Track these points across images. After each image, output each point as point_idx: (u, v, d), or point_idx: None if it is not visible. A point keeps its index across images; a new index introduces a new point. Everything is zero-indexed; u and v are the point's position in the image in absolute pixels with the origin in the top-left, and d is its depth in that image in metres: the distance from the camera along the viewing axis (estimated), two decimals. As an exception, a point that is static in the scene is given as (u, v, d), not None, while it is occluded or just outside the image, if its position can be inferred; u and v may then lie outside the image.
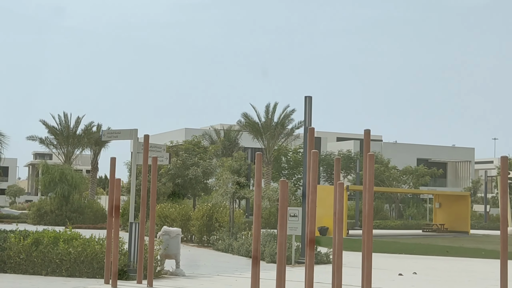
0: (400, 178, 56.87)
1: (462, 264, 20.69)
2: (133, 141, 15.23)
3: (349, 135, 76.94)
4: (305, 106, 18.47)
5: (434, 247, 27.70)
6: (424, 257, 22.99)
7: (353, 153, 63.06)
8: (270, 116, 49.46)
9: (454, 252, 25.14)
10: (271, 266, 16.25)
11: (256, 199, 11.82)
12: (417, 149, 72.98)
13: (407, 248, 26.40)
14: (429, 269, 18.43)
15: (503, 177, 10.81)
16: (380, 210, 52.48)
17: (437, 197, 45.60)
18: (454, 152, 76.09)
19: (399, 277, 16.00)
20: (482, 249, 26.62)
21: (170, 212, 27.49)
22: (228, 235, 22.73)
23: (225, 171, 24.56)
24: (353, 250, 22.05)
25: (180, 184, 33.80)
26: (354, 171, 57.91)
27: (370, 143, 11.99)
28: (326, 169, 61.26)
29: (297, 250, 18.46)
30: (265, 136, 49.12)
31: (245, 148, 54.41)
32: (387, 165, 57.67)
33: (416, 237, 35.99)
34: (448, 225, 42.59)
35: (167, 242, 15.00)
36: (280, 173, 56.38)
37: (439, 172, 60.42)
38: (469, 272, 18.15)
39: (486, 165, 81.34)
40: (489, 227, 48.60)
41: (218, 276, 15.18)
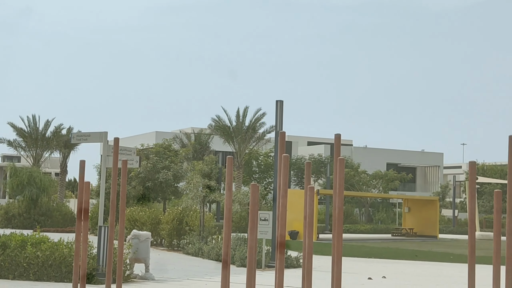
0: (370, 183, 57.25)
1: (431, 268, 20.87)
2: (103, 144, 15.11)
3: (320, 139, 77.28)
4: (276, 110, 18.50)
5: (403, 251, 27.91)
6: (393, 261, 23.15)
7: (323, 157, 63.35)
8: (241, 120, 49.47)
9: (423, 256, 25.35)
10: (241, 270, 16.23)
11: (226, 203, 11.77)
12: (387, 154, 73.55)
13: (377, 252, 26.56)
14: (398, 273, 18.55)
15: (471, 182, 10.92)
16: (350, 214, 52.76)
17: (406, 202, 45.99)
18: (423, 157, 76.84)
19: (368, 281, 16.08)
20: (451, 253, 26.89)
21: (140, 215, 27.31)
22: (198, 239, 22.66)
23: (195, 174, 24.48)
24: (323, 254, 22.13)
25: (150, 188, 33.62)
26: (324, 175, 58.15)
27: (341, 148, 12.02)
28: (296, 173, 61.43)
29: (267, 254, 18.47)
30: (236, 140, 49.11)
31: (216, 152, 54.32)
32: (357, 170, 58.03)
33: (386, 241, 36.24)
34: (417, 230, 42.97)
35: (137, 246, 14.89)
36: (251, 177, 56.41)
37: (408, 176, 60.96)
38: (438, 276, 18.31)
39: (454, 170, 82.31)
40: (457, 232, 49.14)
41: (188, 280, 15.11)
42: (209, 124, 50.17)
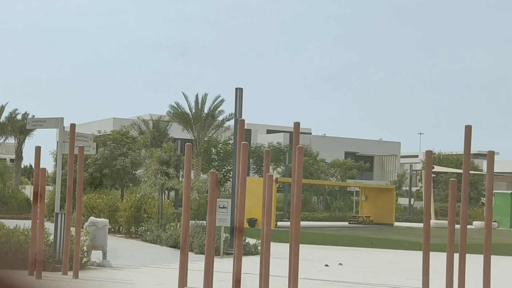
0: (328, 171, 57.69)
1: (387, 255, 21.17)
2: (59, 130, 14.90)
3: (279, 127, 77.52)
4: (235, 98, 18.47)
5: (360, 238, 28.25)
6: (350, 248, 23.42)
7: (282, 145, 63.58)
8: (200, 107, 49.31)
9: (379, 243, 25.70)
10: (200, 257, 16.23)
11: (185, 191, 11.78)
12: (345, 143, 74.19)
13: (334, 239, 26.83)
14: (355, 260, 18.78)
15: (427, 171, 11.11)
16: (308, 202, 53.13)
17: (364, 190, 46.51)
18: (381, 146, 77.71)
19: (325, 268, 16.25)
20: (406, 241, 27.30)
21: (97, 203, 27.08)
22: (157, 226, 22.58)
23: (153, 162, 24.35)
24: (281, 241, 22.26)
25: (108, 175, 33.34)
26: (283, 163, 58.40)
27: (300, 136, 12.11)
28: (255, 161, 61.56)
29: (226, 242, 18.51)
30: (195, 127, 48.94)
31: (174, 139, 54.08)
32: (316, 158, 58.41)
33: (343, 229, 36.62)
34: (373, 218, 43.50)
35: (94, 233, 14.78)
36: (210, 164, 56.34)
37: (366, 165, 61.60)
38: (393, 263, 18.58)
39: (411, 159, 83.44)
40: (413, 220, 49.87)
41: (145, 267, 15.06)
42: (168, 111, 49.89)
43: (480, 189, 61.31)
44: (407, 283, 13.77)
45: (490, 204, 10.74)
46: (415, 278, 13.61)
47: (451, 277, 10.37)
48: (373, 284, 13.41)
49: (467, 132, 10.87)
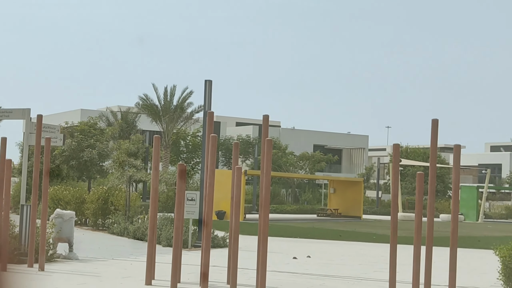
0: (297, 164, 57.87)
1: (354, 248, 21.31)
2: (25, 121, 14.69)
3: (248, 120, 77.51)
4: (205, 90, 18.40)
5: (328, 231, 28.39)
6: (318, 241, 23.53)
7: (251, 138, 63.60)
8: (169, 99, 49.06)
9: (347, 236, 25.86)
10: (167, 249, 16.16)
11: (153, 183, 11.70)
12: (314, 136, 74.46)
13: (302, 232, 26.93)
14: (323, 253, 18.86)
15: (395, 164, 11.18)
16: (277, 195, 53.26)
17: (332, 183, 46.74)
18: (349, 139, 78.18)
19: (293, 260, 16.29)
20: (374, 233, 27.51)
21: (63, 194, 26.80)
22: (124, 219, 22.44)
23: (121, 154, 24.16)
24: (250, 234, 22.27)
25: (75, 166, 33.01)
26: (252, 156, 58.44)
27: (269, 129, 12.11)
28: (224, 154, 61.49)
29: (194, 234, 18.45)
30: (164, 119, 48.69)
31: (143, 131, 53.75)
32: (285, 151, 58.55)
33: (311, 222, 36.78)
34: (342, 210, 43.76)
35: (60, 225, 14.61)
36: (179, 156, 56.12)
37: (334, 158, 61.91)
38: (361, 255, 18.71)
39: (379, 153, 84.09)
40: (380, 212, 50.28)
41: (112, 260, 14.95)
42: (137, 103, 49.54)
43: (446, 182, 62.04)
44: (374, 275, 13.87)
45: (456, 197, 10.85)
46: (382, 271, 13.72)
47: (417, 269, 10.46)
48: (341, 277, 13.49)
49: (433, 125, 10.96)
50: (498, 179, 74.64)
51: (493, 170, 71.87)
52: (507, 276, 10.56)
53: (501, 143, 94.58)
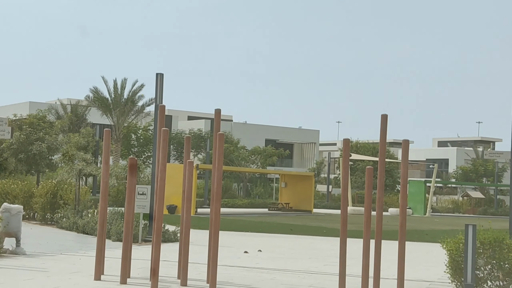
0: (248, 158, 57.95)
1: (305, 241, 21.46)
2: (-29, 113, 14.36)
3: (200, 114, 77.24)
4: (156, 83, 18.26)
5: (279, 225, 28.53)
6: (269, 235, 23.62)
7: (203, 132, 63.40)
8: (120, 92, 48.54)
9: (298, 230, 26.02)
10: (117, 244, 16.01)
11: (103, 177, 11.57)
12: (265, 130, 74.66)
13: (253, 226, 27.00)
14: (274, 247, 18.95)
15: (345, 158, 11.29)
16: (228, 189, 53.24)
17: (283, 177, 46.96)
18: (301, 134, 78.64)
19: (244, 254, 16.32)
20: (324, 227, 27.75)
21: (11, 188, 26.29)
22: (73, 213, 22.15)
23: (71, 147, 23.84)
24: (201, 228, 22.24)
25: (23, 160, 32.40)
26: (204, 150, 58.28)
27: (221, 123, 12.08)
28: (176, 148, 61.17)
29: (145, 229, 18.33)
30: (115, 113, 48.16)
31: (93, 124, 53.08)
32: (237, 145, 58.56)
33: (262, 216, 36.89)
34: (293, 204, 44.01)
35: (7, 219, 14.33)
36: (130, 150, 55.61)
37: (286, 152, 62.20)
38: (311, 249, 18.86)
39: (330, 147, 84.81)
40: (331, 206, 50.73)
41: (61, 254, 14.74)
42: (87, 96, 48.88)
43: (395, 176, 62.95)
44: (324, 269, 14.00)
45: (404, 191, 11.02)
46: (332, 264, 13.85)
47: (367, 263, 10.60)
48: (291, 270, 13.57)
49: (383, 121, 11.11)
50: (445, 173, 76.09)
51: (440, 165, 73.23)
52: (454, 269, 10.78)
53: (448, 138, 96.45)
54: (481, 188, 61.88)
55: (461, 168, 67.63)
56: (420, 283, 12.28)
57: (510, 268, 10.58)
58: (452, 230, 20.84)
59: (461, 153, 79.29)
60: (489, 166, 64.44)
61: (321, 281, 12.13)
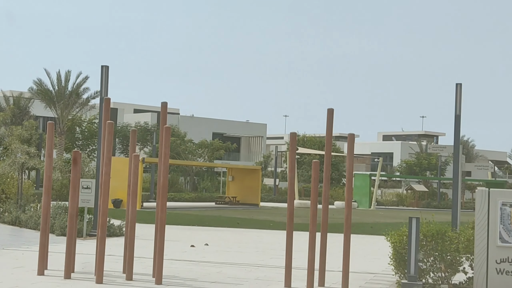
0: (195, 152, 57.72)
1: (252, 235, 21.52)
2: None
3: (146, 107, 76.56)
4: (101, 76, 18.01)
5: (226, 219, 28.54)
6: (216, 228, 23.61)
7: (150, 125, 62.87)
8: (64, 84, 47.74)
9: (245, 223, 26.08)
10: (61, 239, 15.76)
11: (46, 170, 11.35)
12: (213, 124, 74.49)
13: (200, 220, 26.94)
14: (220, 240, 18.94)
15: (291, 152, 11.34)
16: (175, 183, 52.95)
17: (230, 171, 46.95)
18: (248, 128, 78.74)
19: (191, 248, 16.28)
20: (271, 220, 27.88)
21: (-50, 182, 25.60)
22: (16, 207, 21.70)
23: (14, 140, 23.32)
24: (147, 222, 22.06)
25: (-37, 153, 31.58)
26: (150, 143, 57.80)
27: (167, 116, 12.00)
28: (122, 141, 60.50)
29: (89, 223, 18.09)
30: (59, 105, 47.34)
31: (36, 117, 52.07)
32: (184, 138, 58.25)
33: (209, 210, 36.84)
34: (240, 198, 44.06)
35: None
36: (74, 143, 54.73)
37: (233, 146, 62.17)
38: (258, 242, 18.92)
39: (277, 141, 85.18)
40: (277, 200, 50.97)
41: (3, 250, 14.43)
42: (30, 88, 47.89)
43: (341, 170, 63.62)
44: (271, 262, 14.06)
45: (350, 185, 11.14)
46: (278, 257, 13.92)
47: (313, 255, 10.68)
48: (238, 264, 13.59)
49: (329, 115, 11.20)
50: (389, 167, 77.30)
51: (385, 158, 74.35)
52: (397, 261, 10.96)
53: (392, 132, 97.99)
54: (425, 182, 63.08)
55: (405, 161, 68.78)
56: (364, 275, 12.45)
57: (452, 259, 10.82)
58: (396, 223, 21.19)
59: (405, 147, 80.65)
60: (432, 160, 65.71)
61: (267, 274, 12.18)
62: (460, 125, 18.16)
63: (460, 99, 17.96)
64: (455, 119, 18.14)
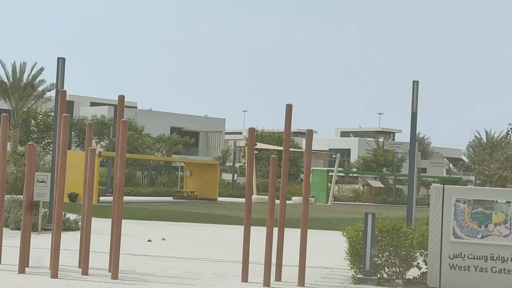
0: (153, 146, 57.38)
1: (210, 230, 21.51)
2: None
3: (103, 100, 75.77)
4: (57, 68, 17.78)
5: (184, 213, 28.45)
6: (174, 223, 23.52)
7: (107, 118, 62.25)
8: (19, 75, 46.96)
9: (202, 218, 26.04)
10: (16, 233, 15.52)
11: (0, 164, 11.16)
12: (171, 118, 74.08)
13: (157, 214, 26.81)
14: (178, 235, 18.89)
15: (250, 147, 11.36)
16: (132, 177, 52.57)
17: (189, 165, 46.80)
18: (207, 122, 78.53)
19: (148, 243, 16.19)
20: (229, 215, 27.90)
21: None
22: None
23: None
24: (104, 216, 21.88)
25: None
26: (107, 137, 57.23)
27: (125, 110, 11.90)
28: (78, 134, 59.80)
29: (44, 217, 17.85)
30: (13, 97, 46.55)
31: (-10, 109, 51.10)
32: (141, 132, 57.83)
33: (167, 204, 36.68)
34: (198, 193, 43.97)
35: None
36: (29, 136, 53.89)
37: (191, 141, 61.97)
38: (215, 237, 18.92)
39: (235, 136, 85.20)
40: (236, 195, 51.01)
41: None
42: (-16, 79, 46.96)
43: (299, 165, 63.96)
44: (228, 256, 14.07)
45: (308, 180, 11.21)
46: (236, 252, 13.94)
47: (270, 250, 10.73)
48: (195, 259, 13.57)
49: (287, 110, 11.25)
50: (347, 163, 78.00)
51: (342, 154, 75.01)
52: (353, 256, 11.08)
53: (350, 129, 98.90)
54: (381, 178, 63.83)
55: (362, 158, 69.50)
56: (320, 270, 12.55)
57: (407, 255, 10.98)
58: (353, 218, 21.41)
59: (363, 143, 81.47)
60: (389, 157, 66.52)
61: (224, 269, 12.19)
62: (416, 122, 18.42)
63: (417, 96, 18.22)
64: (411, 116, 18.39)
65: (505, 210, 10.46)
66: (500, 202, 10.49)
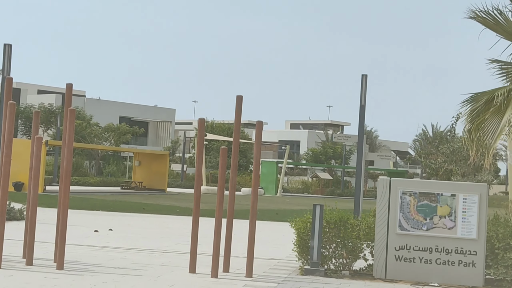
0: (102, 135, 56.71)
1: (158, 220, 21.39)
2: None
3: (51, 88, 74.46)
4: (3, 54, 17.41)
5: (131, 204, 28.22)
6: (121, 214, 23.31)
7: (54, 107, 61.22)
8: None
9: (151, 209, 25.88)
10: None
11: None
12: (120, 107, 73.30)
13: (105, 205, 26.53)
14: (125, 226, 18.73)
15: (199, 138, 11.32)
16: (79, 167, 51.88)
17: (137, 155, 46.42)
18: (156, 112, 77.96)
19: (94, 233, 16.02)
20: (177, 206, 27.80)
21: None
22: None
23: None
24: (50, 206, 21.54)
25: None
26: (54, 125, 56.30)
27: (72, 98, 11.72)
28: (24, 122, 58.67)
29: (-12, 206, 17.47)
30: (-42, 83, 45.35)
31: None
32: (89, 121, 57.07)
33: (115, 194, 36.33)
34: (146, 183, 43.66)
35: None
36: (-27, 124, 52.66)
37: (140, 130, 61.44)
38: (164, 228, 18.83)
39: (185, 126, 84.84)
40: (185, 186, 50.83)
41: None
42: None
43: (249, 157, 64.12)
44: (176, 247, 14.02)
45: (257, 171, 11.24)
46: (184, 243, 13.90)
47: (218, 241, 10.72)
48: (143, 250, 13.48)
49: (238, 102, 11.24)
50: (296, 155, 78.52)
51: (292, 146, 75.48)
52: (301, 247, 11.16)
53: (300, 121, 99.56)
54: (330, 170, 64.45)
55: (312, 150, 70.03)
56: (269, 261, 12.61)
57: (353, 246, 11.12)
58: (301, 209, 21.57)
59: (312, 135, 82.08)
60: (337, 149, 67.20)
61: (172, 260, 12.15)
62: (364, 115, 18.65)
63: (365, 90, 18.44)
64: (360, 109, 18.61)
65: (450, 203, 10.68)
66: (445, 195, 10.71)
